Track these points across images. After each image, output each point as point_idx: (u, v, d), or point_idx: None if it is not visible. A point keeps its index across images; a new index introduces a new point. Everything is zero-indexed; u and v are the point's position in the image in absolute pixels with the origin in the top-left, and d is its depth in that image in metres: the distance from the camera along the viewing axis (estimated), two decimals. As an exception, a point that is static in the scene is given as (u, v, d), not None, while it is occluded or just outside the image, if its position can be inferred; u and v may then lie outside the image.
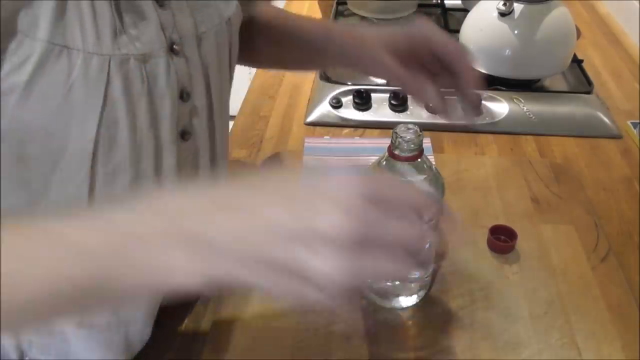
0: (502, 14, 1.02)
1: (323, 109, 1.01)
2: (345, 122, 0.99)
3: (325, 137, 0.95)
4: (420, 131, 0.57)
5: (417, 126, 0.58)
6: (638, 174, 0.89)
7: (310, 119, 1.01)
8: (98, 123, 0.48)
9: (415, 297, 0.67)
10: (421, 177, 0.59)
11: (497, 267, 0.72)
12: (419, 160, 0.58)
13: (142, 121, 0.50)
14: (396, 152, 0.58)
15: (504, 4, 1.01)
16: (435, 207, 0.39)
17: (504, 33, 1.03)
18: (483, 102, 1.01)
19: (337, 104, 1.01)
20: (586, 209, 0.81)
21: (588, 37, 1.31)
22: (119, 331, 0.59)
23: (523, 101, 1.02)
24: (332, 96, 1.02)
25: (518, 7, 1.02)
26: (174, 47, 0.51)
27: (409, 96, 0.93)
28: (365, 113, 1.00)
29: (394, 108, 1.01)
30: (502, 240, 0.74)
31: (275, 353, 0.62)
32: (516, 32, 1.02)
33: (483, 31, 1.06)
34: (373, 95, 1.02)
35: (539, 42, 1.02)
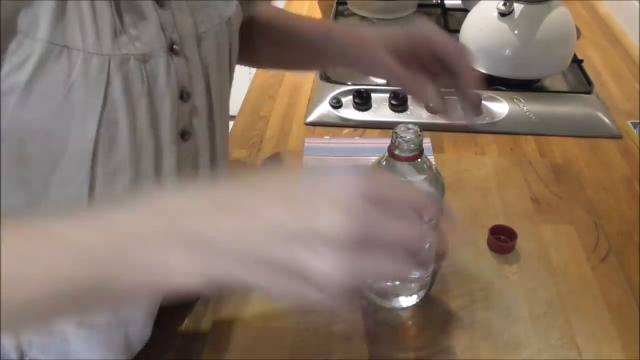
0: (502, 14, 1.02)
1: (323, 109, 1.01)
2: (345, 122, 0.99)
3: (325, 137, 0.95)
4: (420, 131, 0.57)
5: (417, 126, 0.58)
6: (638, 174, 0.89)
7: (310, 119, 1.01)
8: (98, 123, 0.48)
9: (415, 297, 0.67)
10: (421, 177, 0.59)
11: (497, 267, 0.72)
12: (419, 160, 0.58)
13: (142, 121, 0.50)
14: (396, 152, 0.58)
15: (504, 4, 1.01)
16: (435, 207, 0.39)
17: (504, 33, 1.03)
18: (483, 102, 1.01)
19: (337, 104, 1.01)
20: (586, 209, 0.81)
21: (588, 37, 1.31)
22: (119, 331, 0.59)
23: (523, 101, 1.02)
24: (332, 96, 1.02)
25: (518, 7, 1.02)
26: (174, 47, 0.51)
27: (409, 96, 0.93)
28: (365, 113, 1.00)
29: (394, 108, 1.01)
30: (502, 240, 0.74)
31: (275, 353, 0.62)
32: (516, 32, 1.02)
33: (483, 31, 1.06)
34: (373, 95, 1.02)
35: (539, 42, 1.02)
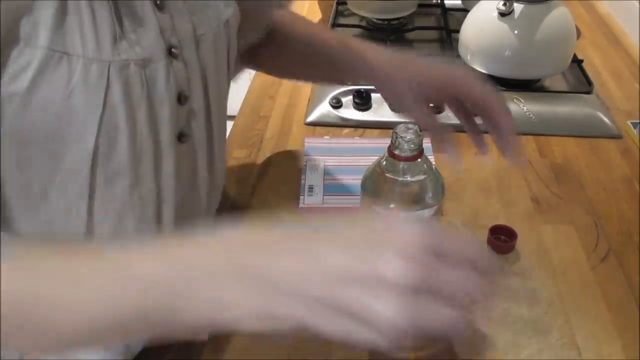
0: (502, 14, 1.02)
1: (323, 109, 1.01)
2: (345, 122, 0.99)
3: (325, 137, 0.95)
4: (420, 131, 0.58)
5: (417, 126, 0.58)
6: (638, 174, 0.89)
7: (310, 119, 1.01)
8: (98, 128, 0.48)
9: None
10: (421, 177, 0.59)
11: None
12: (419, 160, 0.58)
13: (141, 125, 0.50)
14: (396, 152, 0.58)
15: (504, 4, 1.01)
16: (488, 260, 0.40)
17: (504, 33, 1.03)
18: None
19: (337, 104, 1.01)
20: (586, 209, 0.81)
21: (588, 37, 1.31)
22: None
23: (523, 101, 1.02)
24: (332, 96, 1.02)
25: (518, 7, 1.02)
26: (173, 51, 0.51)
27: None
28: (365, 113, 1.00)
29: (394, 108, 1.01)
30: (502, 240, 0.74)
31: (274, 353, 0.62)
32: (516, 32, 1.02)
33: (483, 31, 1.06)
34: (373, 95, 1.02)
35: (539, 42, 1.02)
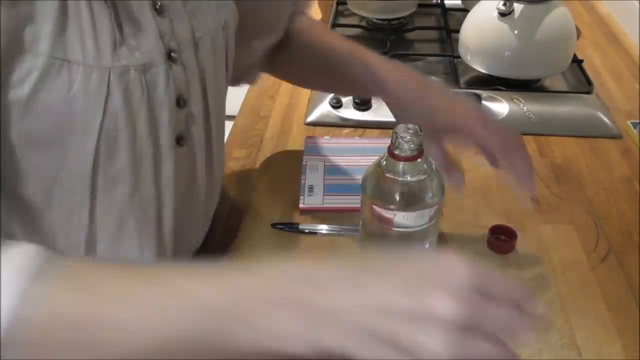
0: (502, 14, 1.02)
1: (323, 109, 1.01)
2: (345, 122, 0.99)
3: (325, 137, 0.95)
4: (420, 131, 0.57)
5: (417, 126, 0.58)
6: (638, 174, 0.89)
7: (310, 119, 1.01)
8: (98, 133, 0.48)
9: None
10: (421, 177, 0.59)
11: (497, 267, 0.71)
12: (419, 160, 0.58)
13: (142, 129, 0.51)
14: (396, 152, 0.58)
15: (504, 4, 1.01)
16: (529, 298, 0.42)
17: (504, 33, 1.03)
18: (483, 102, 1.01)
19: (337, 104, 1.01)
20: (586, 209, 0.81)
21: (588, 37, 1.31)
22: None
23: (523, 101, 1.02)
24: (332, 96, 1.02)
25: (518, 7, 1.02)
26: (172, 55, 0.51)
27: None
28: (365, 113, 1.00)
29: (394, 108, 1.00)
30: (502, 240, 0.74)
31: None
32: (516, 32, 1.02)
33: (483, 31, 1.06)
34: (373, 95, 1.02)
35: (539, 42, 1.02)
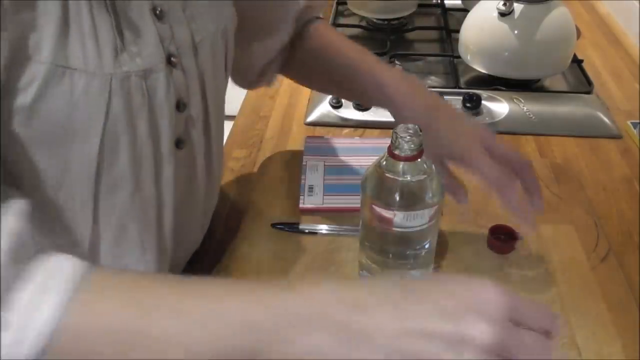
0: (502, 14, 1.02)
1: (323, 109, 1.01)
2: (345, 122, 0.99)
3: (325, 137, 0.95)
4: (420, 131, 0.57)
5: (417, 126, 0.58)
6: (638, 174, 0.89)
7: (310, 119, 1.01)
8: (100, 139, 0.48)
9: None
10: (421, 177, 0.59)
11: (497, 267, 0.71)
12: (419, 160, 0.58)
13: (142, 133, 0.51)
14: (396, 152, 0.58)
15: (504, 4, 1.01)
16: (557, 324, 0.44)
17: (504, 33, 1.03)
18: (483, 102, 1.01)
19: (337, 104, 1.01)
20: (586, 209, 0.81)
21: (588, 37, 1.31)
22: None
23: (523, 101, 1.02)
24: (332, 96, 1.02)
25: (518, 7, 1.02)
26: (172, 60, 0.51)
27: None
28: (365, 113, 1.00)
29: (394, 108, 1.00)
30: (502, 240, 0.74)
31: None
32: (516, 32, 1.02)
33: (483, 31, 1.06)
34: (373, 95, 1.02)
35: (539, 42, 1.02)
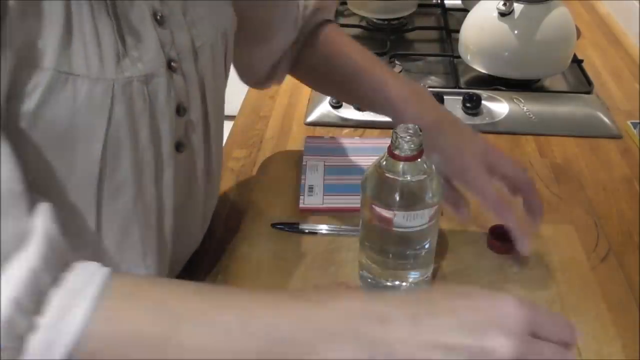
0: (502, 14, 1.02)
1: (323, 109, 1.01)
2: (345, 122, 0.99)
3: (325, 137, 0.95)
4: (420, 131, 0.57)
5: (417, 126, 0.58)
6: (638, 174, 0.89)
7: (310, 119, 1.01)
8: (103, 144, 0.48)
9: (415, 297, 0.67)
10: (421, 177, 0.59)
11: (497, 267, 0.71)
12: (419, 160, 0.58)
13: (144, 138, 0.51)
14: (396, 152, 0.58)
15: (504, 4, 1.01)
16: (575, 336, 0.45)
17: (504, 33, 1.03)
18: (483, 102, 1.01)
19: (337, 104, 1.01)
20: (586, 209, 0.81)
21: (588, 37, 1.31)
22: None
23: (523, 101, 1.02)
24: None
25: (518, 7, 1.02)
26: (172, 65, 0.52)
27: None
28: (365, 113, 1.00)
29: (394, 108, 1.00)
30: (502, 240, 0.74)
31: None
32: (516, 32, 1.02)
33: (483, 31, 1.06)
34: (373, 95, 1.02)
35: (539, 42, 1.02)
